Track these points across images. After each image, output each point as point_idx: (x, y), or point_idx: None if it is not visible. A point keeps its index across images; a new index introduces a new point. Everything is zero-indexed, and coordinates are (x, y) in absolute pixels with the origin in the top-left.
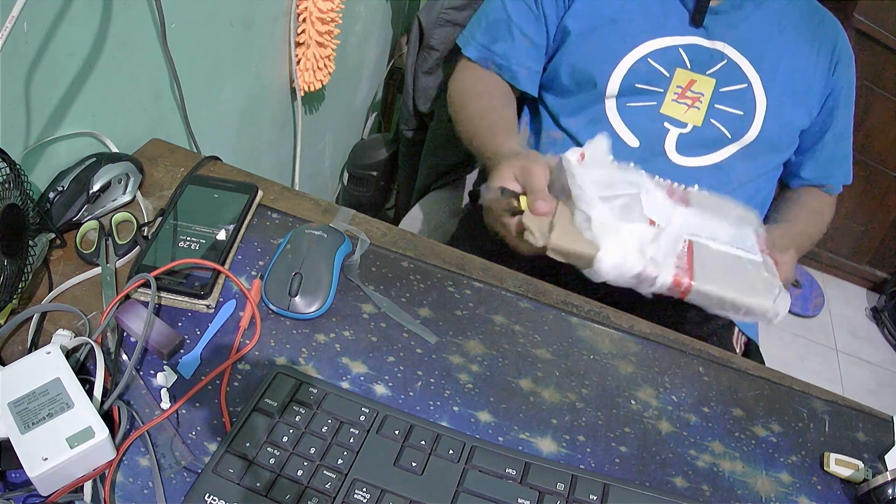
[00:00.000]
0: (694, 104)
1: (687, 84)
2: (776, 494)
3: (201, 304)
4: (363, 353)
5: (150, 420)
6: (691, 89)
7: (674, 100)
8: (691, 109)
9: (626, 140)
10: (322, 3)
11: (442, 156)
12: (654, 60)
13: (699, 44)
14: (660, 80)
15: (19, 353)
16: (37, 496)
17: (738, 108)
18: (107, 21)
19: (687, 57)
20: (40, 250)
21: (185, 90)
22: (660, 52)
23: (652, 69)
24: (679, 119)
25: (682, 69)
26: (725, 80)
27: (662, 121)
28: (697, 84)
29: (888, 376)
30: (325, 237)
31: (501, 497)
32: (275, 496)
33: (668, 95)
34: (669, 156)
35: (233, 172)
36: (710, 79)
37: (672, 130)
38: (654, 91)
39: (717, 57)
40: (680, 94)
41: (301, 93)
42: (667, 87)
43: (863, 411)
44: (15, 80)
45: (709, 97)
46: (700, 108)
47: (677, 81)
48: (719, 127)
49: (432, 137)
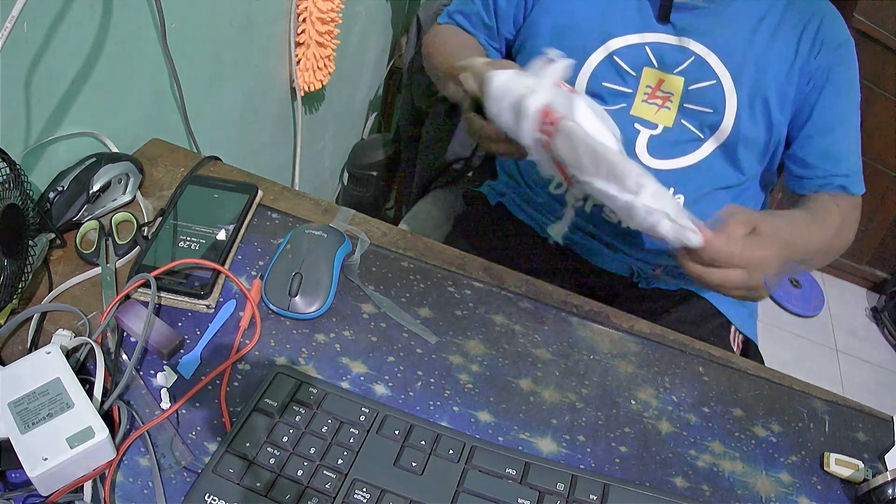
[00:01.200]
0: (664, 104)
1: (656, 83)
2: (776, 494)
3: (201, 304)
4: (363, 353)
5: (150, 420)
6: (661, 89)
7: (644, 100)
8: (662, 110)
9: None
10: (322, 3)
11: (440, 152)
12: (621, 59)
13: (665, 41)
14: (627, 80)
15: (19, 353)
16: (37, 496)
17: (708, 105)
18: (107, 21)
19: (653, 55)
20: (40, 250)
21: (185, 90)
22: (625, 50)
23: (619, 68)
24: (649, 120)
25: (649, 68)
26: (694, 78)
27: (632, 122)
28: (666, 83)
29: (888, 376)
30: (325, 237)
31: (501, 497)
32: (275, 496)
33: (638, 96)
34: (641, 158)
35: (233, 172)
36: (678, 77)
37: (642, 132)
38: (623, 92)
39: (685, 54)
40: (650, 94)
41: (301, 93)
42: (636, 87)
43: (863, 411)
44: (15, 80)
45: (679, 96)
46: (671, 107)
47: (646, 81)
48: (690, 128)
49: (429, 133)
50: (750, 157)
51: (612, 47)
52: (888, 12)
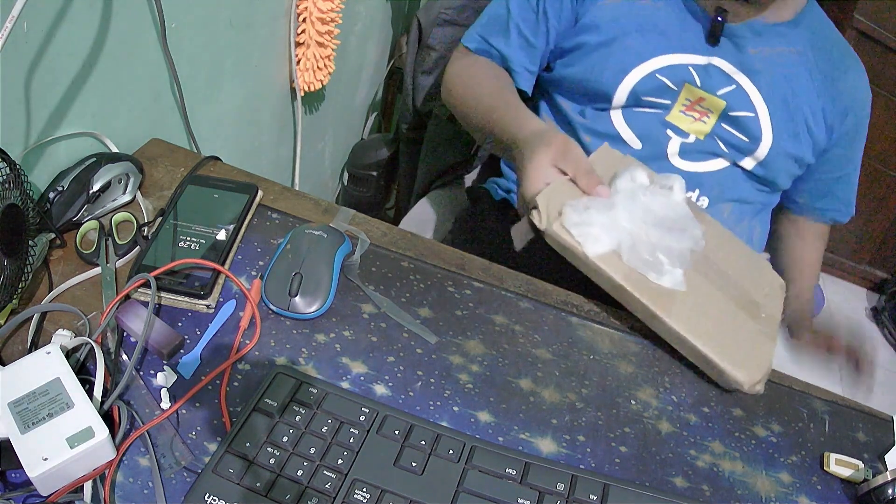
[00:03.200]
0: (701, 118)
1: (696, 99)
2: (776, 494)
3: (201, 304)
4: (363, 353)
5: (150, 420)
6: (700, 104)
7: (682, 111)
8: (697, 122)
9: (629, 142)
10: (322, 3)
11: (441, 155)
12: (662, 75)
13: (711, 64)
14: (667, 93)
15: (19, 353)
16: (37, 496)
17: (744, 134)
18: (107, 21)
19: (697, 75)
20: (40, 250)
21: (185, 90)
22: (668, 69)
23: (659, 83)
24: (683, 129)
25: (690, 85)
26: (734, 105)
27: (666, 128)
28: (707, 101)
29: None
30: (325, 237)
31: (501, 497)
32: (275, 496)
33: (676, 107)
34: (671, 160)
35: (233, 172)
36: (721, 100)
37: (674, 139)
38: (661, 102)
39: (727, 80)
40: (688, 107)
41: (301, 93)
42: (675, 99)
43: (863, 411)
44: (15, 80)
45: (717, 116)
46: (707, 122)
47: (686, 95)
48: (720, 145)
49: (431, 136)
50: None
51: (655, 65)
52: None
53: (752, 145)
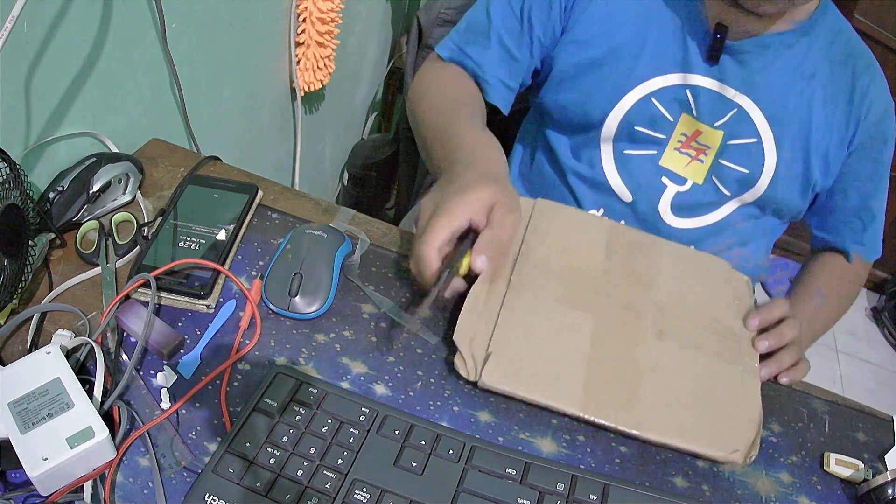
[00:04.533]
0: (698, 156)
1: (692, 134)
2: (776, 494)
3: (201, 304)
4: (363, 353)
5: (150, 420)
6: (697, 140)
7: (677, 148)
8: (694, 162)
9: (619, 193)
10: (322, 3)
11: None
12: (659, 101)
13: (709, 87)
14: (663, 125)
15: (19, 353)
16: (37, 496)
17: (744, 165)
18: (107, 21)
19: (694, 102)
20: (40, 250)
21: (185, 90)
22: (666, 91)
23: (655, 112)
24: (679, 174)
25: (687, 115)
26: (734, 133)
27: (660, 175)
28: (704, 136)
29: (888, 376)
30: (325, 237)
31: (501, 497)
32: (275, 496)
33: (671, 143)
34: (664, 217)
35: (233, 172)
36: (718, 131)
37: (669, 188)
38: (656, 137)
39: (728, 105)
40: (684, 144)
41: (301, 93)
42: (670, 134)
43: (863, 411)
44: (15, 80)
45: (715, 150)
46: (704, 161)
47: (681, 129)
48: (720, 186)
49: None
50: (772, 218)
51: (651, 87)
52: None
53: (752, 177)
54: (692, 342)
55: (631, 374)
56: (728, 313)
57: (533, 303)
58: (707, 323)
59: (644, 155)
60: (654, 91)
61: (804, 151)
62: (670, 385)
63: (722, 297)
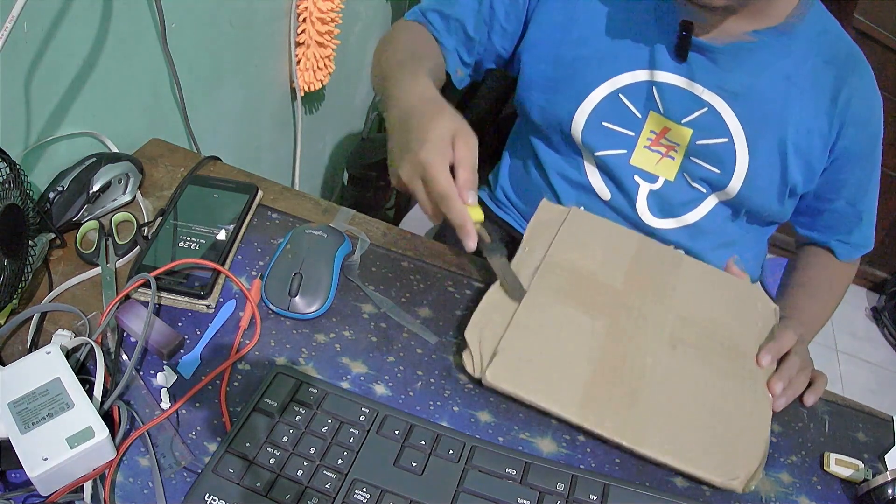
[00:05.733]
0: (668, 153)
1: (661, 131)
2: (776, 494)
3: (201, 304)
4: (363, 353)
5: (150, 420)
6: (666, 137)
7: (647, 146)
8: (665, 159)
9: (598, 192)
10: (322, 3)
11: None
12: (626, 97)
13: (677, 84)
14: (631, 121)
15: (19, 353)
16: (37, 496)
17: (715, 165)
18: (107, 21)
19: (661, 99)
20: (40, 250)
21: (185, 90)
22: (633, 88)
23: (623, 108)
24: (650, 171)
25: (655, 112)
26: (704, 132)
27: (632, 173)
28: (672, 132)
29: (888, 376)
30: (325, 237)
31: (501, 497)
32: (275, 496)
33: (641, 141)
34: (643, 217)
35: (233, 172)
36: (687, 129)
37: (643, 185)
38: (625, 135)
39: (698, 103)
40: (653, 141)
41: (301, 93)
42: (639, 132)
43: (863, 411)
44: (15, 80)
45: (684, 148)
46: (675, 158)
47: (650, 126)
48: (692, 184)
49: None
50: (753, 219)
51: (618, 83)
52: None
53: (723, 178)
54: (706, 359)
55: (637, 383)
56: (750, 337)
57: (549, 307)
58: (725, 342)
59: (615, 155)
60: (621, 87)
61: (781, 153)
62: (676, 399)
63: (746, 319)
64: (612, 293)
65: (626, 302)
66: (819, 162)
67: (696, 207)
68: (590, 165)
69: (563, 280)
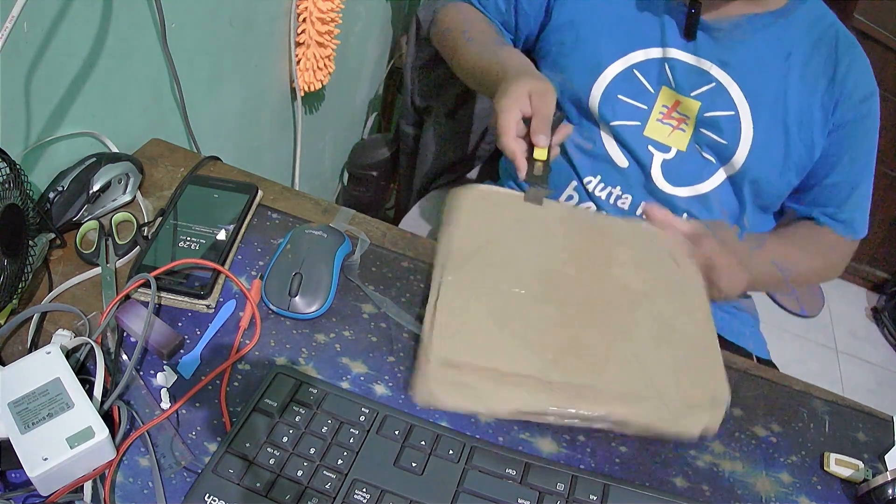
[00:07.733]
0: (679, 125)
1: (673, 104)
2: (776, 494)
3: (201, 304)
4: (363, 353)
5: (150, 420)
6: (677, 110)
7: (659, 120)
8: (676, 132)
9: (615, 160)
10: (322, 3)
11: (440, 152)
12: (640, 72)
13: (686, 60)
14: (644, 96)
15: (19, 353)
16: (37, 496)
17: (722, 136)
18: (107, 21)
19: (672, 74)
20: (40, 250)
21: (185, 90)
22: (646, 64)
23: (637, 82)
24: (663, 142)
25: (667, 88)
26: (711, 104)
27: (646, 144)
28: (682, 106)
29: (888, 376)
30: (325, 237)
31: (501, 497)
32: (275, 496)
33: (653, 115)
34: (657, 182)
35: (233, 172)
36: (695, 102)
37: (656, 155)
38: (639, 108)
39: (705, 78)
40: (665, 114)
41: (301, 93)
42: (652, 105)
43: (863, 411)
44: (15, 80)
45: (694, 120)
46: (686, 130)
47: (662, 100)
48: (703, 154)
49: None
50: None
51: (632, 60)
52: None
53: (730, 147)
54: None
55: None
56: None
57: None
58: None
59: (630, 126)
60: (635, 63)
61: (783, 127)
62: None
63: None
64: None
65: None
66: (819, 137)
67: (709, 178)
68: (606, 136)
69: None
